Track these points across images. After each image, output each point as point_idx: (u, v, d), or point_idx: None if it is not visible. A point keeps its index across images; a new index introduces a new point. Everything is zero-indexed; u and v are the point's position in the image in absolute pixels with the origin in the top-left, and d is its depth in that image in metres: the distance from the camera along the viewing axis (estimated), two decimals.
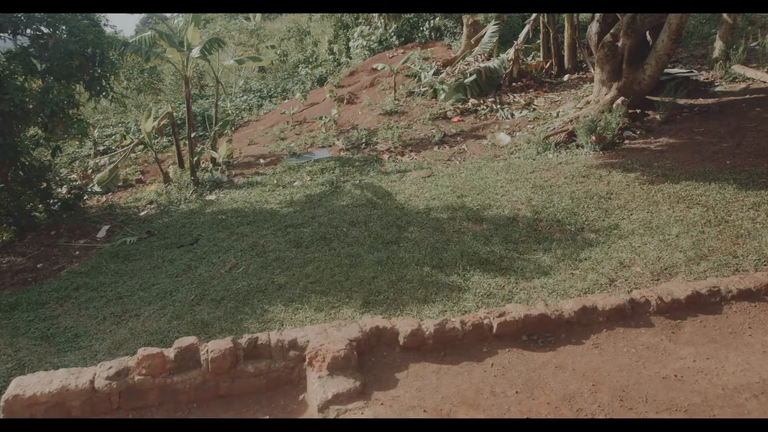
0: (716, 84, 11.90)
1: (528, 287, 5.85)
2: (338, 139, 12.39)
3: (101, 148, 13.73)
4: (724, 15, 13.45)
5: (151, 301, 6.78)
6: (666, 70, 11.30)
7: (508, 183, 8.36)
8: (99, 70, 9.64)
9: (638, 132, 9.88)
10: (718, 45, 13.56)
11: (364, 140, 11.99)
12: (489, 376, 3.73)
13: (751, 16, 17.05)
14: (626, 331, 4.16)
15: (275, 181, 10.46)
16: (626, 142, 9.57)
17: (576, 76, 14.27)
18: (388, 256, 6.86)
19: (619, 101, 10.40)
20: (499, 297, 5.74)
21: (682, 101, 10.66)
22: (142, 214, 9.96)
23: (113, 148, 13.78)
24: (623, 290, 5.46)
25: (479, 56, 14.89)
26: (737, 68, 12.41)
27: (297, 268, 6.92)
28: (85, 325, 6.47)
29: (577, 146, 9.66)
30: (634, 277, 5.64)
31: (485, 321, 4.10)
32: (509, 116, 12.21)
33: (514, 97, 13.14)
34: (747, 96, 10.91)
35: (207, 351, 3.94)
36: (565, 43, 14.86)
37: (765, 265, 5.48)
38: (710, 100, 10.91)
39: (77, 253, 8.82)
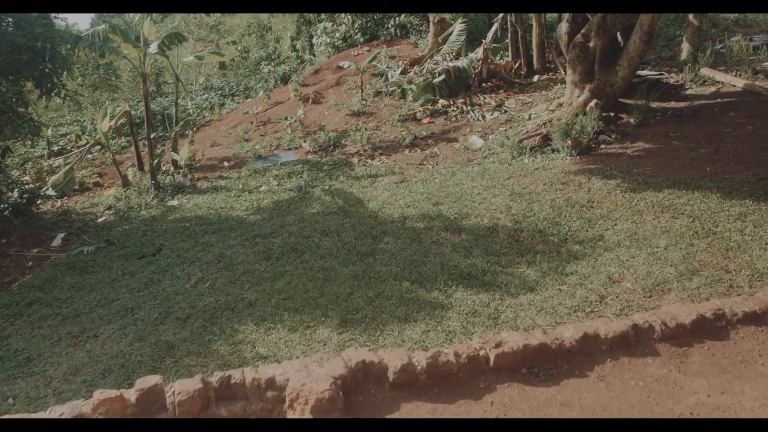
0: (686, 87, 11.84)
1: (514, 304, 5.58)
2: (305, 141, 11.98)
3: (55, 148, 13.07)
4: (690, 16, 13.44)
5: (111, 319, 6.33)
6: (636, 72, 11.17)
7: (485, 190, 8.09)
8: (50, 66, 9.07)
9: (613, 136, 9.72)
10: (686, 47, 13.55)
11: (332, 142, 11.61)
12: (489, 417, 3.43)
13: (715, 18, 17.17)
14: (632, 361, 3.90)
15: (241, 186, 10.03)
16: (602, 146, 9.40)
17: (545, 76, 14.11)
18: (364, 269, 6.53)
19: (592, 104, 10.24)
20: (485, 315, 5.46)
21: (654, 104, 10.55)
22: (100, 220, 9.43)
23: (68, 148, 13.13)
24: (615, 307, 5.23)
25: (447, 55, 14.63)
26: (706, 71, 12.39)
27: (268, 283, 6.54)
28: (39, 347, 6.00)
29: (553, 150, 9.45)
30: (625, 294, 5.41)
31: (481, 353, 3.81)
32: (480, 118, 11.97)
33: (485, 98, 12.90)
34: (719, 100, 10.86)
35: (173, 393, 3.56)
36: (534, 43, 14.69)
37: (759, 280, 5.31)
38: (682, 104, 10.83)
39: (30, 263, 8.28)
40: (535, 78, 14.08)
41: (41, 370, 5.58)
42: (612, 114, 10.34)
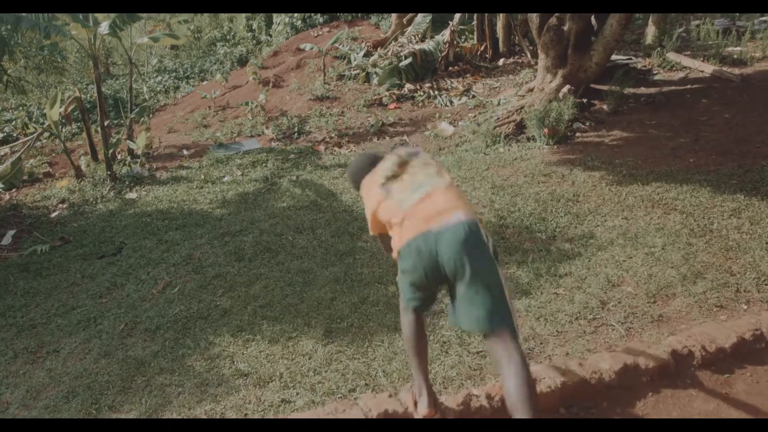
0: (654, 72, 11.73)
1: None
2: (267, 128, 11.49)
3: (0, 135, 12.25)
4: None
5: (72, 331, 5.84)
6: None
7: (463, 182, 7.79)
8: None
9: (588, 124, 9.53)
10: (651, 31, 13.45)
11: (296, 129, 11.15)
12: None
13: None
14: (675, 394, 3.62)
15: (203, 177, 9.52)
16: (578, 135, 9.20)
17: (511, 60, 13.85)
18: (345, 271, 6.17)
19: (565, 89, 10.02)
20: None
21: (625, 90, 10.38)
22: (54, 215, 8.82)
23: (15, 135, 12.32)
24: (618, 314, 5.00)
25: (413, 37, 14.22)
26: (672, 56, 12.29)
27: (242, 288, 6.13)
28: None
29: (528, 139, 9.20)
30: (628, 299, 5.18)
31: None
32: (448, 103, 11.65)
33: (452, 82, 12.58)
34: (689, 86, 10.76)
35: None
36: (500, 25, 14.38)
37: (766, 284, 5.14)
38: (652, 90, 10.70)
39: None
40: (501, 62, 13.80)
41: None
42: (585, 101, 10.14)
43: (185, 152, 10.84)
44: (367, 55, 14.16)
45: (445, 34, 13.55)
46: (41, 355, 5.53)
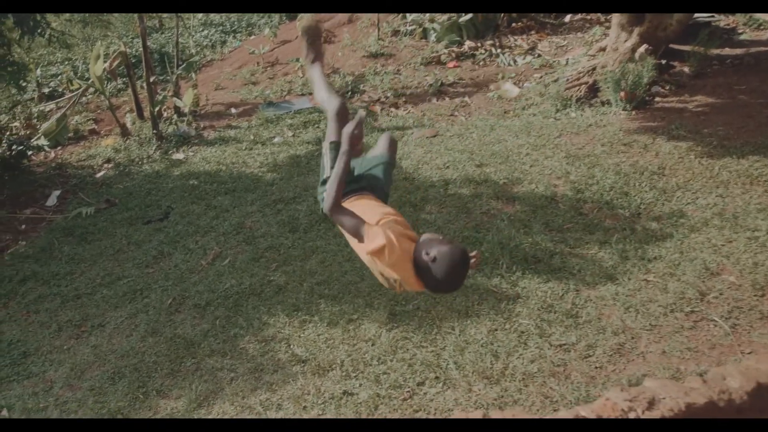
0: (739, 31, 10.77)
1: (594, 298, 4.76)
2: None
3: (46, 90, 11.94)
4: None
5: (118, 303, 5.50)
6: None
7: (533, 150, 7.17)
8: None
9: (668, 87, 8.73)
10: None
11: (349, 88, 10.58)
12: None
13: None
14: None
15: (252, 137, 9.06)
16: (657, 99, 8.43)
17: (579, 16, 12.93)
18: None
19: (641, 49, 9.17)
20: (561, 312, 4.65)
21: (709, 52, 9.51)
22: (99, 175, 8.49)
23: (60, 90, 12.00)
24: (721, 308, 4.42)
25: None
26: (761, 14, 11.27)
27: (297, 262, 5.68)
28: (37, 338, 5.20)
29: (602, 103, 8.47)
30: (730, 290, 4.59)
31: (630, 415, 2.91)
32: (512, 63, 10.90)
33: (515, 40, 11.79)
34: None
35: None
36: None
37: None
38: (738, 51, 9.79)
39: (23, 226, 7.41)
40: (568, 18, 12.90)
41: (40, 370, 4.79)
42: (663, 62, 9.31)
43: (233, 111, 10.38)
44: None
45: None
46: (86, 329, 5.20)
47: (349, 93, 10.43)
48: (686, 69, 9.10)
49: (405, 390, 4.17)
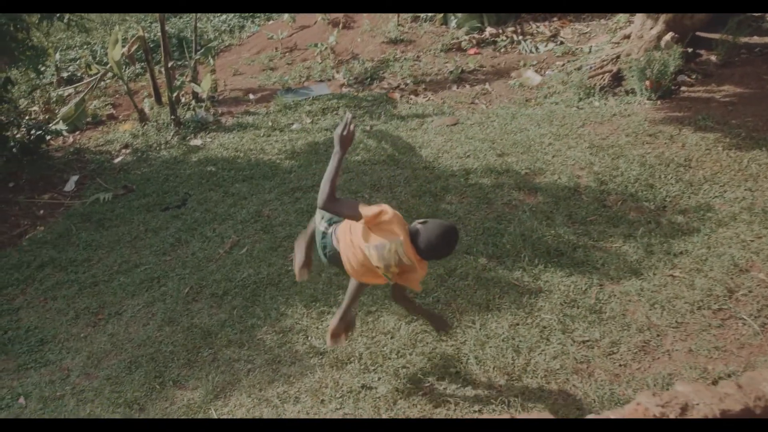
0: None
1: (618, 293, 4.66)
2: (338, 72, 10.83)
3: (64, 74, 11.93)
4: None
5: (135, 291, 5.47)
6: None
7: (555, 139, 7.04)
8: None
9: (694, 77, 8.54)
10: None
11: (369, 74, 10.46)
12: None
13: None
14: None
15: (270, 123, 8.98)
16: (683, 89, 8.25)
17: None
18: None
19: (667, 37, 8.98)
20: (585, 307, 4.55)
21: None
22: (117, 161, 8.47)
23: (79, 75, 11.98)
24: (750, 306, 4.30)
25: None
26: None
27: (315, 252, 5.61)
28: (54, 325, 5.18)
29: (627, 92, 8.30)
30: (760, 288, 4.47)
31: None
32: (533, 50, 10.73)
33: (537, 26, 11.59)
34: None
35: None
36: None
37: None
38: (767, 39, 9.56)
39: (41, 212, 7.41)
40: None
41: (57, 358, 4.77)
42: (689, 50, 9.11)
43: (251, 97, 10.31)
44: None
45: None
46: (103, 317, 5.18)
47: (369, 80, 10.32)
48: (713, 58, 8.89)
49: (424, 384, 4.10)
